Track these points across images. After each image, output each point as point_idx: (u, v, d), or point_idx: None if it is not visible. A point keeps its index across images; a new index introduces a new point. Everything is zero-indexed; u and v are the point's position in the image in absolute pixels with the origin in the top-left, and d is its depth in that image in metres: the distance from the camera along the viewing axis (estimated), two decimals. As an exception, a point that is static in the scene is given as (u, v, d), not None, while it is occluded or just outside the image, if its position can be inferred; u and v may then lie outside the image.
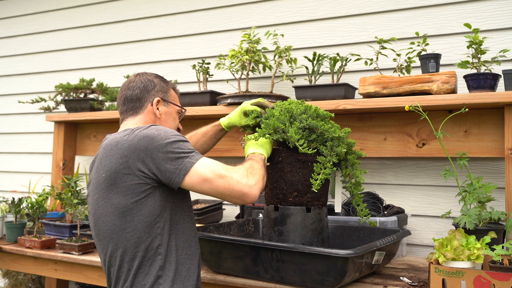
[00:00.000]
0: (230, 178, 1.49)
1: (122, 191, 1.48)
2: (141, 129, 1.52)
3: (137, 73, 1.80)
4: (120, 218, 1.50)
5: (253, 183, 1.51)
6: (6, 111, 3.91)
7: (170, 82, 1.81)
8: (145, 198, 1.48)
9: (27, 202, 2.59)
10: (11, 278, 3.29)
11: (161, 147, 1.47)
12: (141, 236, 1.49)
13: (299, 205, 1.80)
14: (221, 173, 1.49)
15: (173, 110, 1.77)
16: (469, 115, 2.17)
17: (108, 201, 1.51)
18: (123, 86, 1.74)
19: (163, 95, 1.74)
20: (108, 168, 1.50)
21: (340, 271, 1.61)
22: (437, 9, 2.46)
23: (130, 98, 1.70)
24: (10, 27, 3.95)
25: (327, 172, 1.71)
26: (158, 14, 3.28)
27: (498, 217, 1.85)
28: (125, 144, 1.49)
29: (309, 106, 1.85)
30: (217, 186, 1.48)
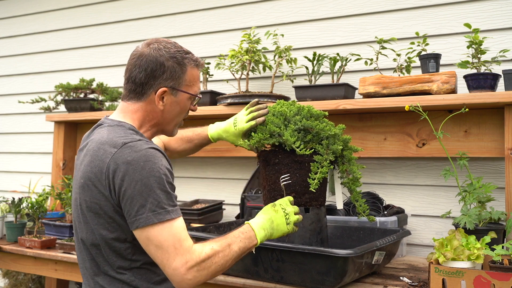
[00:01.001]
0: (170, 260, 1.31)
1: (95, 209, 1.40)
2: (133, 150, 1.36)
3: (154, 41, 1.52)
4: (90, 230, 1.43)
5: (190, 278, 1.31)
6: (6, 111, 3.91)
7: (189, 59, 1.53)
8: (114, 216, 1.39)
9: (27, 202, 2.59)
10: (11, 278, 3.29)
11: (137, 185, 1.32)
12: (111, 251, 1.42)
13: (297, 205, 1.80)
14: (166, 248, 1.31)
15: (183, 98, 1.54)
16: (469, 115, 2.17)
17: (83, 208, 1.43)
18: (132, 58, 1.51)
19: (173, 83, 1.49)
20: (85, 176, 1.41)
21: (340, 271, 1.61)
22: (437, 9, 2.46)
23: (134, 80, 1.49)
24: (10, 27, 3.95)
25: (324, 171, 1.71)
26: (158, 14, 3.28)
27: (498, 217, 1.85)
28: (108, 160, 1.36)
29: (301, 107, 1.83)
30: (155, 256, 1.34)
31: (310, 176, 1.72)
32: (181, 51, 1.51)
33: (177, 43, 1.56)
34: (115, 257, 1.42)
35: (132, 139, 1.40)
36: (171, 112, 1.54)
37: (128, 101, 1.53)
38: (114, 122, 1.49)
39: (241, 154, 2.67)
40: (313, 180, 1.70)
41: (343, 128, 1.83)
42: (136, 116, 1.51)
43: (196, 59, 1.55)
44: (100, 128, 1.50)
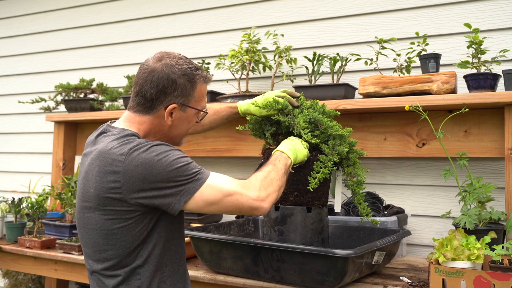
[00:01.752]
0: (240, 195, 1.39)
1: (109, 214, 1.39)
2: (140, 151, 1.36)
3: (166, 56, 1.51)
4: (102, 239, 1.42)
5: (264, 196, 1.42)
6: (6, 111, 3.91)
7: (200, 75, 1.54)
8: (132, 224, 1.39)
9: (27, 202, 2.59)
10: (11, 278, 3.29)
11: (162, 177, 1.35)
12: (121, 259, 1.42)
13: (299, 204, 1.80)
14: (229, 190, 1.39)
15: (191, 113, 1.56)
16: (469, 115, 2.17)
17: (93, 217, 1.42)
18: (143, 72, 1.50)
19: (183, 100, 1.50)
20: (97, 187, 1.39)
21: (340, 271, 1.61)
22: (437, 9, 2.46)
23: (144, 95, 1.48)
24: (10, 27, 3.95)
25: (326, 171, 1.71)
26: (158, 14, 3.28)
27: (498, 217, 1.85)
28: (120, 168, 1.35)
29: (316, 101, 1.86)
30: (225, 205, 1.39)
31: (312, 175, 1.72)
32: (192, 68, 1.53)
33: (186, 57, 1.57)
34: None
35: (137, 142, 1.40)
36: (178, 126, 1.55)
37: (134, 112, 1.53)
38: (117, 130, 1.49)
39: (241, 154, 2.67)
40: (314, 179, 1.71)
41: (350, 131, 1.83)
42: (142, 127, 1.52)
43: (205, 75, 1.57)
44: (104, 137, 1.49)
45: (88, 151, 1.52)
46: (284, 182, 1.55)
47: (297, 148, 1.69)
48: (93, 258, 1.47)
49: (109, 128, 1.52)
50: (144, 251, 1.43)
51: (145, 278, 1.43)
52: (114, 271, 1.44)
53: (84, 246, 1.51)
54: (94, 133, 1.56)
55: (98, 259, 1.46)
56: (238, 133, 2.62)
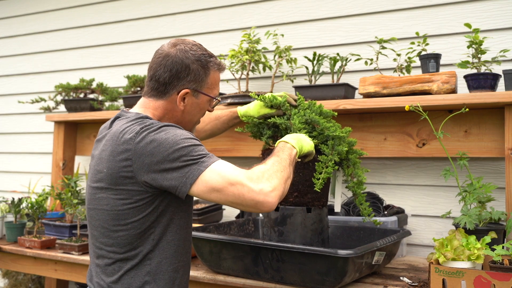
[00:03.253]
0: (241, 185, 1.31)
1: (120, 193, 1.40)
2: (149, 130, 1.38)
3: (181, 42, 1.54)
4: (113, 220, 1.43)
5: (269, 189, 1.32)
6: (6, 111, 3.91)
7: (213, 62, 1.56)
8: (143, 205, 1.40)
9: (27, 202, 2.59)
10: (11, 278, 3.29)
11: (168, 155, 1.34)
12: (132, 241, 1.43)
13: (299, 205, 1.80)
14: (232, 179, 1.32)
15: (204, 100, 1.57)
16: (469, 115, 2.17)
17: (105, 198, 1.43)
18: (157, 57, 1.53)
19: (196, 85, 1.53)
20: (110, 166, 1.41)
21: (340, 271, 1.61)
22: (437, 9, 2.46)
23: (157, 79, 1.51)
24: (10, 27, 3.95)
25: (329, 171, 1.71)
26: (158, 14, 3.28)
27: (498, 217, 1.84)
28: (131, 146, 1.37)
29: (313, 102, 1.86)
30: (227, 194, 1.33)
31: (315, 176, 1.71)
32: (206, 54, 1.54)
33: (201, 44, 1.58)
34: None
35: (149, 122, 1.42)
36: (191, 112, 1.57)
37: (149, 97, 1.55)
38: (132, 114, 1.51)
39: (241, 154, 2.67)
40: (318, 180, 1.70)
41: (349, 130, 1.83)
42: (156, 112, 1.54)
43: (219, 62, 1.58)
44: (119, 120, 1.51)
45: (102, 136, 1.54)
46: (291, 173, 1.47)
47: (302, 139, 1.63)
48: (101, 240, 1.47)
49: (123, 113, 1.55)
50: (155, 235, 1.43)
51: (155, 264, 1.44)
52: (124, 254, 1.44)
53: (93, 229, 1.50)
54: (109, 120, 1.58)
55: (107, 242, 1.45)
56: (238, 133, 2.62)
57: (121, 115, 1.55)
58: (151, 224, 1.42)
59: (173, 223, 1.46)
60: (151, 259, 1.44)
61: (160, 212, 1.43)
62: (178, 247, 1.48)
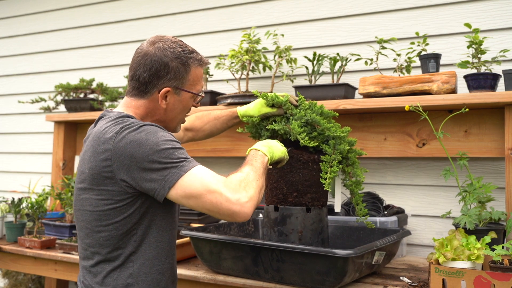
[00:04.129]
0: (219, 194, 1.30)
1: (101, 194, 1.40)
2: (129, 130, 1.38)
3: (160, 39, 1.52)
4: (96, 220, 1.42)
5: (245, 200, 1.32)
6: (6, 111, 3.91)
7: (194, 58, 1.53)
8: (124, 206, 1.40)
9: (27, 202, 2.59)
10: (11, 278, 3.29)
11: (148, 156, 1.33)
12: (114, 242, 1.42)
13: (299, 205, 1.80)
14: (211, 187, 1.31)
15: (186, 97, 1.55)
16: (469, 115, 2.17)
17: (87, 198, 1.43)
18: (137, 56, 1.51)
19: (177, 83, 1.51)
20: (91, 166, 1.40)
21: (340, 271, 1.61)
22: (437, 9, 2.46)
23: (137, 78, 1.50)
24: (10, 27, 3.95)
25: (335, 170, 1.71)
26: (158, 14, 3.28)
27: (498, 217, 1.84)
28: (110, 146, 1.37)
29: (314, 103, 1.86)
30: (204, 202, 1.32)
31: (322, 176, 1.71)
32: (185, 51, 1.52)
33: (182, 41, 1.56)
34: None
35: (129, 122, 1.41)
36: (174, 110, 1.55)
37: (131, 97, 1.55)
38: (114, 114, 1.51)
39: (241, 154, 2.67)
40: (325, 180, 1.70)
41: (348, 130, 1.83)
42: (138, 111, 1.53)
43: (200, 58, 1.56)
44: (102, 120, 1.52)
45: (87, 136, 1.55)
46: (264, 182, 1.47)
47: (273, 145, 1.62)
48: (86, 241, 1.47)
49: (106, 113, 1.55)
50: (137, 237, 1.43)
51: (137, 265, 1.44)
52: (106, 255, 1.44)
53: (79, 230, 1.51)
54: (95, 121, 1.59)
55: (90, 243, 1.46)
56: (238, 133, 2.62)
57: (104, 115, 1.54)
58: (133, 225, 1.42)
59: (155, 225, 1.46)
60: (133, 261, 1.44)
61: (142, 214, 1.42)
62: (161, 249, 1.48)
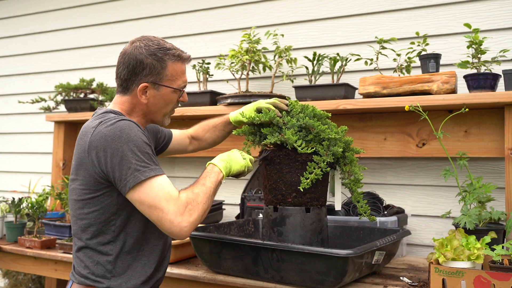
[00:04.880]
0: (165, 214, 1.40)
1: (83, 184, 1.50)
2: (106, 124, 1.47)
3: (139, 39, 1.66)
4: (80, 208, 1.52)
5: (185, 224, 1.42)
6: (6, 111, 3.91)
7: (170, 54, 1.61)
8: (102, 195, 1.49)
9: (27, 202, 2.59)
10: (11, 278, 3.29)
11: (117, 152, 1.42)
12: (94, 230, 1.51)
13: (298, 205, 1.80)
14: (159, 204, 1.40)
15: (167, 92, 1.62)
16: (469, 115, 2.17)
17: (74, 188, 1.54)
18: (120, 56, 1.65)
19: (154, 79, 1.58)
20: (76, 158, 1.52)
21: (340, 271, 1.61)
22: (437, 9, 2.46)
23: (119, 77, 1.63)
24: (10, 27, 3.95)
25: (318, 173, 1.71)
26: (158, 14, 3.28)
27: (498, 217, 1.85)
28: (88, 138, 1.48)
29: (306, 105, 1.85)
30: (151, 214, 1.42)
31: (304, 175, 1.72)
32: (162, 48, 1.61)
33: (163, 40, 1.66)
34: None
35: (108, 117, 1.51)
36: (156, 104, 1.63)
37: (118, 94, 1.67)
38: (102, 110, 1.62)
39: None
40: (306, 179, 1.71)
41: (345, 129, 1.83)
42: (124, 106, 1.63)
43: (178, 54, 1.63)
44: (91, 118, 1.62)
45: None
46: (211, 203, 1.54)
47: (232, 159, 1.67)
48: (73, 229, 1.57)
49: (98, 110, 1.66)
50: (115, 227, 1.51)
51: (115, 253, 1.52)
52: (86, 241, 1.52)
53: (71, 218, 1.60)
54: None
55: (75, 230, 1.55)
56: (238, 133, 2.62)
57: (96, 112, 1.65)
58: (111, 215, 1.50)
59: (133, 217, 1.53)
60: (112, 249, 1.52)
61: (119, 204, 1.50)
62: (138, 238, 1.54)
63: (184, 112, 2.66)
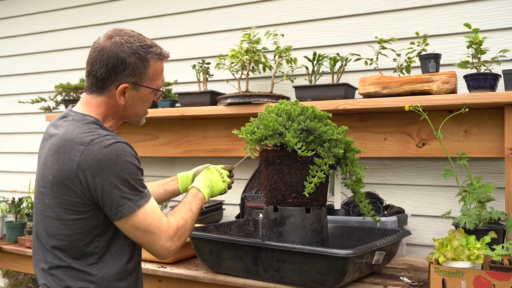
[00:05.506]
0: (158, 239, 1.44)
1: (65, 204, 1.40)
2: (100, 145, 1.37)
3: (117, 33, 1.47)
4: (58, 228, 1.43)
5: (173, 248, 1.48)
6: (6, 111, 3.91)
7: (153, 53, 1.49)
8: (87, 218, 1.41)
9: (27, 202, 2.59)
10: (11, 278, 3.29)
11: (111, 180, 1.36)
12: (76, 251, 1.44)
13: (298, 206, 1.80)
14: (152, 230, 1.43)
15: (145, 92, 1.53)
16: (469, 115, 2.17)
17: (51, 205, 1.43)
18: (94, 51, 1.49)
19: (135, 79, 1.47)
20: (55, 174, 1.40)
21: (340, 271, 1.61)
22: (437, 9, 2.46)
23: (94, 75, 1.47)
24: (10, 27, 3.95)
25: (321, 176, 1.71)
26: (158, 14, 3.28)
27: (498, 217, 1.85)
28: (77, 157, 1.36)
29: (306, 107, 1.84)
30: (142, 239, 1.44)
31: (307, 179, 1.72)
32: (144, 46, 1.48)
33: (142, 34, 1.53)
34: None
35: (98, 134, 1.40)
36: (134, 106, 1.53)
37: (91, 94, 1.52)
38: (79, 116, 1.48)
39: (241, 154, 2.67)
40: (310, 183, 1.71)
41: (346, 130, 1.83)
42: (99, 110, 1.51)
43: (159, 52, 1.52)
44: (65, 121, 1.48)
45: (48, 135, 1.51)
46: (193, 228, 1.60)
47: (214, 184, 1.74)
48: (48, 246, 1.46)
49: (70, 112, 1.52)
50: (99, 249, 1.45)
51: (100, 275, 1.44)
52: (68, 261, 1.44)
53: (39, 233, 1.49)
54: (56, 118, 1.56)
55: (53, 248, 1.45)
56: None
57: (68, 114, 1.51)
58: (95, 237, 1.44)
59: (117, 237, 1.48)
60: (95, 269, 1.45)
61: (105, 227, 1.45)
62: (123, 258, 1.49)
63: (184, 112, 2.66)
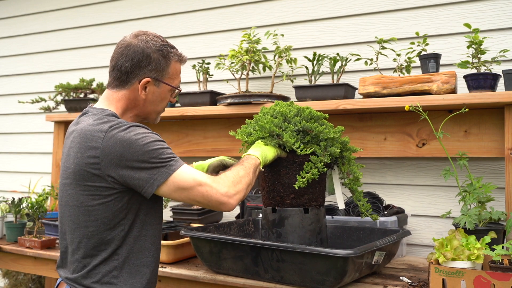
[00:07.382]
0: (210, 187, 1.44)
1: (89, 190, 1.44)
2: (119, 129, 1.43)
3: (143, 33, 1.60)
4: (83, 215, 1.46)
5: (233, 193, 1.47)
6: (6, 111, 3.91)
7: (174, 53, 1.61)
8: (112, 201, 1.44)
9: (27, 202, 2.59)
10: (11, 278, 3.29)
11: (138, 156, 1.40)
12: (102, 236, 1.46)
13: (296, 206, 1.80)
14: (201, 180, 1.43)
15: (165, 89, 1.61)
16: (469, 115, 2.17)
17: (74, 194, 1.47)
18: (119, 47, 1.60)
19: (157, 75, 1.57)
20: (78, 162, 1.45)
21: (340, 271, 1.61)
22: (437, 9, 2.46)
23: (119, 68, 1.57)
24: (10, 27, 3.95)
25: (315, 172, 1.71)
26: (158, 14, 3.28)
27: (498, 217, 1.85)
28: (99, 144, 1.42)
29: (302, 108, 1.84)
30: (195, 194, 1.43)
31: (300, 174, 1.72)
32: (166, 45, 1.60)
33: (163, 37, 1.64)
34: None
35: (117, 121, 1.47)
36: (153, 101, 1.61)
37: (112, 89, 1.60)
38: (98, 110, 1.56)
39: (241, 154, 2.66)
40: (302, 178, 1.71)
41: (342, 130, 1.83)
42: (119, 104, 1.58)
43: (180, 54, 1.64)
44: (85, 117, 1.57)
45: (70, 131, 1.58)
46: (253, 180, 1.59)
47: (264, 149, 1.72)
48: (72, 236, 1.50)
49: (90, 109, 1.61)
50: (124, 232, 1.47)
51: (122, 258, 1.48)
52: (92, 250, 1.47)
53: (64, 225, 1.54)
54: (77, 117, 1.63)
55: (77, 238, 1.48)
56: (238, 133, 2.62)
57: (88, 111, 1.60)
58: (120, 220, 1.47)
59: (141, 220, 1.51)
60: (119, 254, 1.48)
61: (129, 209, 1.47)
62: (146, 243, 1.52)
63: (184, 112, 2.66)
